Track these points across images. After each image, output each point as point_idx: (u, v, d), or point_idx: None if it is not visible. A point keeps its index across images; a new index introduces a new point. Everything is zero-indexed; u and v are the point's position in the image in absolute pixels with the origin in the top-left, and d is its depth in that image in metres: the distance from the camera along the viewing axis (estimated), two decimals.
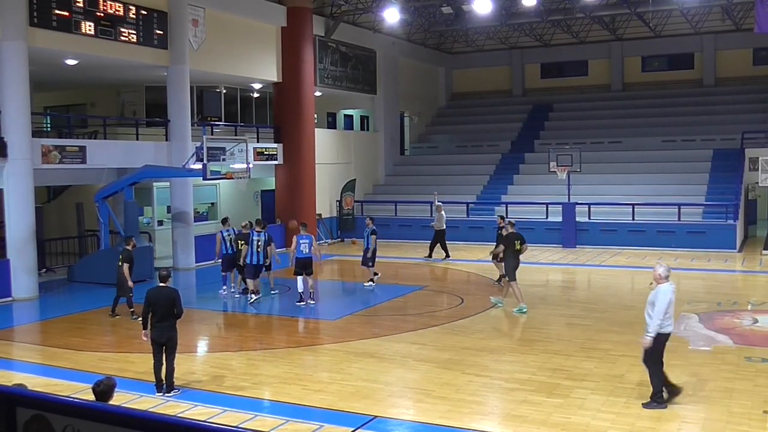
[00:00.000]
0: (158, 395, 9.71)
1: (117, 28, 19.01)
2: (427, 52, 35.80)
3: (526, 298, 16.23)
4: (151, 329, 9.77)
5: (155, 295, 9.74)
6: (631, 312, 14.72)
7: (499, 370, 10.84)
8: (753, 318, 14.04)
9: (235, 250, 16.62)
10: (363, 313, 15.40)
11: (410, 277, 19.75)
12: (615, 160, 29.03)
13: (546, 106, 35.29)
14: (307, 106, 25.80)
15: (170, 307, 9.68)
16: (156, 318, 9.67)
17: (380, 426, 8.62)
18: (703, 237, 23.61)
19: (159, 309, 9.65)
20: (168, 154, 21.13)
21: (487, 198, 28.71)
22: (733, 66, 33.24)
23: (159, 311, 9.65)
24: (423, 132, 36.29)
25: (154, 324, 9.69)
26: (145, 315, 9.87)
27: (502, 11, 28.10)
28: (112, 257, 18.76)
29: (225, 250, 16.80)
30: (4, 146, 16.55)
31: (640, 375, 10.32)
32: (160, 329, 9.67)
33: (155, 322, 9.69)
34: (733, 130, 28.87)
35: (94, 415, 2.43)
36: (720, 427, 8.41)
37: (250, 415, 8.99)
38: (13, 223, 17.00)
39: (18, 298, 16.76)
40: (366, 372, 10.82)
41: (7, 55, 16.52)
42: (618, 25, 33.56)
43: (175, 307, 9.71)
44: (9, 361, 11.94)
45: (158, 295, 9.74)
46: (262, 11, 24.40)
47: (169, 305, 9.68)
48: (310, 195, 25.97)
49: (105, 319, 15.31)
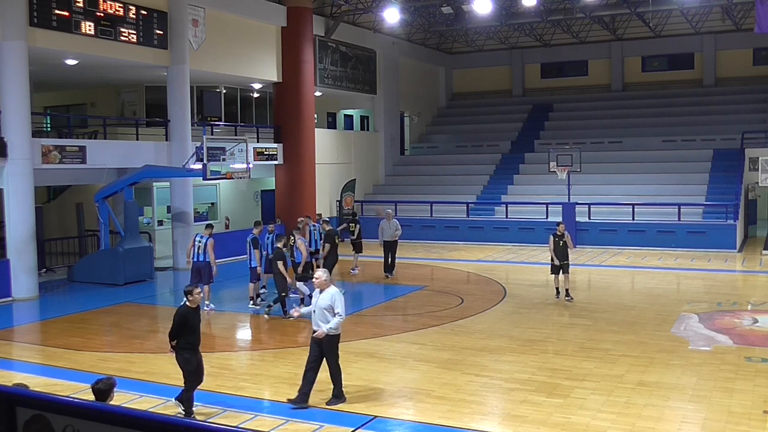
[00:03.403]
0: (173, 400, 9.21)
1: (117, 28, 19.01)
2: (427, 52, 35.81)
3: (527, 298, 16.25)
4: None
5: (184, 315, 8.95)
6: (631, 312, 14.73)
7: (499, 370, 10.84)
8: (753, 318, 14.03)
9: (203, 258, 15.29)
10: (363, 313, 15.40)
11: (410, 277, 19.74)
12: (615, 160, 29.03)
13: (546, 106, 35.29)
14: (307, 106, 25.80)
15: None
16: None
17: (380, 426, 8.62)
18: (703, 237, 23.61)
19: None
20: (168, 154, 21.13)
21: (487, 198, 28.71)
22: (733, 66, 33.24)
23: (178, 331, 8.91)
24: (423, 132, 36.30)
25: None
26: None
27: (502, 11, 28.10)
28: (112, 257, 18.87)
29: (195, 257, 15.44)
30: (4, 146, 16.55)
31: (640, 375, 10.34)
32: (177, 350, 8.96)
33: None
34: (733, 130, 28.87)
35: (94, 415, 2.43)
36: (720, 427, 8.41)
37: (250, 415, 8.99)
38: (13, 223, 17.00)
39: (18, 298, 16.76)
40: (366, 372, 10.83)
41: (7, 55, 16.53)
42: (618, 25, 33.57)
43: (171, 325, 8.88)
44: (9, 361, 11.94)
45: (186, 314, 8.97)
46: (262, 11, 24.40)
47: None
48: (310, 195, 25.97)
49: (105, 319, 15.34)
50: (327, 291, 9.08)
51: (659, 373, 10.43)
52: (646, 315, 14.39)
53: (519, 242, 25.21)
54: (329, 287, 9.15)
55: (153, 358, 11.89)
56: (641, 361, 11.08)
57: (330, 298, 9.07)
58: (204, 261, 15.26)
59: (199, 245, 15.38)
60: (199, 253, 15.33)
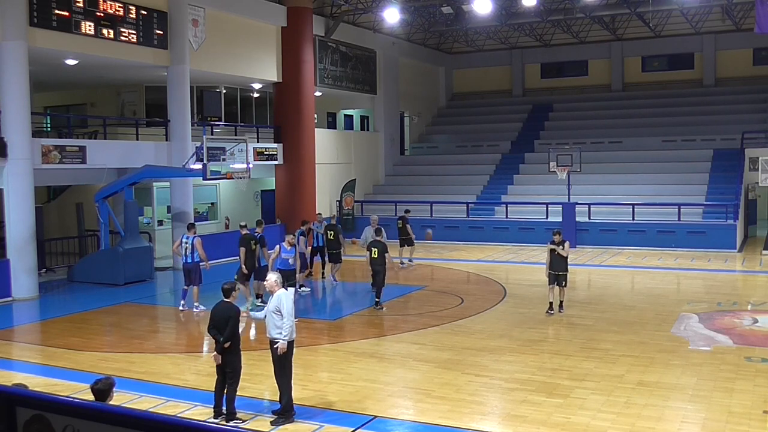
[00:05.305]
0: (213, 419, 8.89)
1: (117, 28, 19.00)
2: (427, 52, 35.81)
3: (527, 298, 16.25)
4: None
5: (214, 311, 8.87)
6: (631, 312, 14.73)
7: (499, 370, 10.84)
8: (753, 318, 14.03)
9: (194, 259, 15.19)
10: (363, 313, 15.40)
11: (410, 277, 19.74)
12: (615, 160, 29.03)
13: (546, 106, 35.30)
14: (307, 106, 25.80)
15: (226, 327, 8.64)
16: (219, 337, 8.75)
17: (380, 426, 8.62)
18: (703, 237, 23.61)
19: (218, 327, 8.74)
20: (168, 154, 21.13)
21: (487, 198, 28.72)
22: (733, 66, 33.25)
23: (219, 329, 8.73)
24: (423, 132, 36.30)
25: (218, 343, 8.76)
26: (210, 332, 8.97)
27: (502, 11, 28.10)
28: (112, 257, 18.87)
29: (184, 258, 15.26)
30: (4, 146, 16.55)
31: (640, 375, 10.34)
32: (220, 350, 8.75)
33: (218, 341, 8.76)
34: (733, 130, 28.88)
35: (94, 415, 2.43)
36: (720, 427, 8.41)
37: (250, 415, 8.99)
38: (13, 223, 17.00)
39: (18, 298, 16.76)
40: (366, 372, 10.83)
41: (7, 55, 16.53)
42: (618, 25, 33.57)
43: (227, 327, 8.66)
44: (9, 361, 11.94)
45: (217, 311, 8.86)
46: (262, 11, 24.40)
47: (225, 324, 8.65)
48: (310, 195, 25.97)
49: (105, 319, 15.33)
50: (276, 294, 8.84)
51: (659, 373, 10.44)
52: (646, 315, 14.40)
53: (519, 242, 25.22)
54: (278, 290, 8.87)
55: (153, 358, 11.89)
56: (641, 361, 11.08)
57: (277, 299, 8.78)
58: (193, 262, 15.17)
59: (186, 246, 15.25)
60: (187, 254, 15.22)
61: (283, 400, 8.84)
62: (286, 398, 8.84)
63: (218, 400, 8.86)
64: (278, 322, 8.75)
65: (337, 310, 16.75)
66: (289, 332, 8.74)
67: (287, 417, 8.76)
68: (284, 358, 8.83)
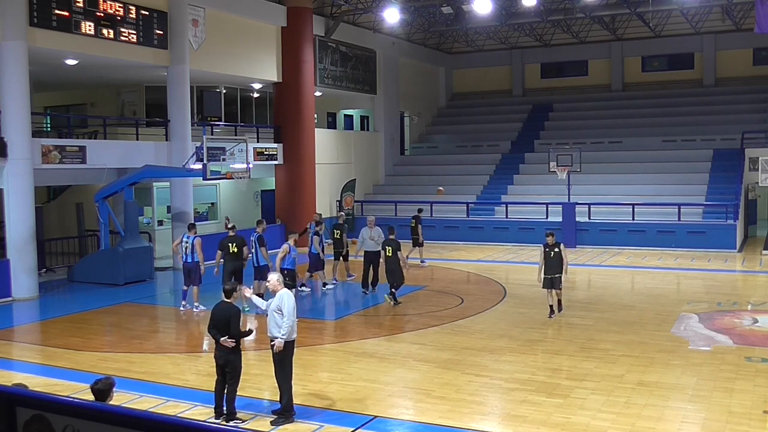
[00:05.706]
0: (213, 419, 8.88)
1: (117, 28, 19.01)
2: (427, 52, 35.81)
3: (527, 298, 16.25)
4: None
5: (215, 311, 8.96)
6: (631, 312, 14.73)
7: (499, 370, 10.84)
8: (753, 318, 14.03)
9: (194, 258, 15.16)
10: (363, 313, 15.41)
11: (410, 277, 19.68)
12: (615, 160, 29.03)
13: (546, 106, 35.30)
14: (307, 106, 25.81)
15: (226, 327, 8.72)
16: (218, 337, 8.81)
17: (380, 426, 8.62)
18: (703, 237, 23.61)
19: (218, 327, 8.80)
20: (168, 154, 21.13)
21: (487, 198, 28.72)
22: (733, 66, 33.25)
23: (219, 329, 8.80)
24: (423, 132, 36.30)
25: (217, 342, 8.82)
26: (210, 332, 9.01)
27: (502, 11, 28.11)
28: (112, 257, 18.87)
29: (184, 258, 15.27)
30: (4, 146, 16.55)
31: (640, 375, 10.34)
32: (218, 349, 8.80)
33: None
34: (733, 130, 28.88)
35: (94, 415, 2.43)
36: (720, 427, 8.41)
37: (250, 415, 8.99)
38: (13, 223, 17.00)
39: (18, 298, 16.76)
40: (366, 372, 10.83)
41: (7, 55, 16.53)
42: (618, 25, 33.57)
43: (230, 327, 8.74)
44: (9, 361, 11.94)
45: (217, 311, 8.92)
46: (262, 11, 24.41)
47: (225, 324, 8.73)
48: (310, 195, 25.98)
49: (105, 319, 15.34)
50: (278, 293, 8.85)
51: (659, 373, 10.44)
52: (646, 315, 14.39)
53: (519, 242, 25.21)
54: (280, 289, 8.89)
55: (153, 358, 11.89)
56: (641, 361, 11.08)
57: (279, 299, 8.78)
58: (193, 262, 15.19)
59: (186, 245, 15.28)
60: (187, 253, 15.23)
61: (283, 400, 8.84)
62: (287, 398, 8.84)
63: (218, 400, 8.85)
64: (279, 320, 8.76)
65: (337, 310, 16.74)
66: (288, 331, 8.74)
67: (287, 417, 8.75)
68: (284, 358, 8.83)
